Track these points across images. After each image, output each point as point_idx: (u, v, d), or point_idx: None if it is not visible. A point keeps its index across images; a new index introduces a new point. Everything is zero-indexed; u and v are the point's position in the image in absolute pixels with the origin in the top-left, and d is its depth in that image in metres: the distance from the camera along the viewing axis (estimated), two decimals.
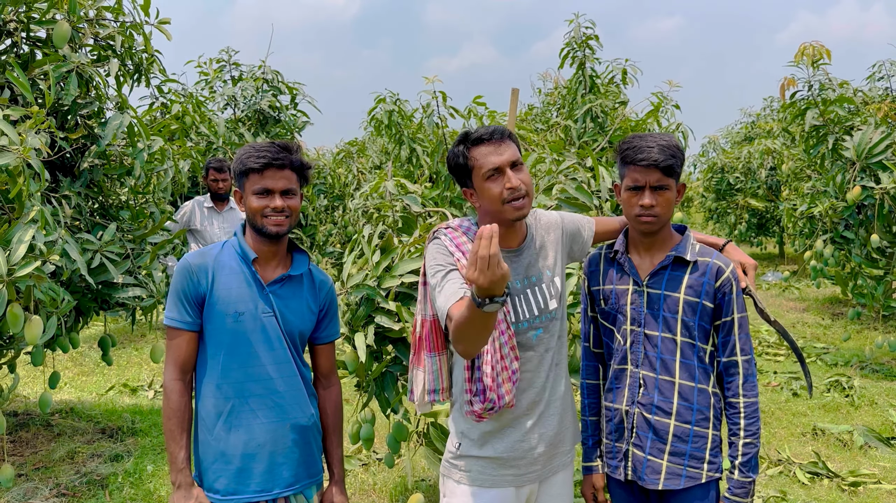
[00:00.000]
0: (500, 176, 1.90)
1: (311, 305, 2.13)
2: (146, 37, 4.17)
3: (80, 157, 3.88)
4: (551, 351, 2.02)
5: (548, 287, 2.02)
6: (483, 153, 1.91)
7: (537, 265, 2.03)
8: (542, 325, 2.00)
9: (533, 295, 2.00)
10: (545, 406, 2.02)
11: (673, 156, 1.93)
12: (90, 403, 5.41)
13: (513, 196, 1.89)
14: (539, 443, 2.01)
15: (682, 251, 2.00)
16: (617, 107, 6.37)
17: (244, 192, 2.01)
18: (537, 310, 2.00)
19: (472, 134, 1.95)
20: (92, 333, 7.68)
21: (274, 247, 2.06)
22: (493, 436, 2.00)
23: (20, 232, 2.65)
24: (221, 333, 2.00)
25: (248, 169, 1.97)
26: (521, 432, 1.99)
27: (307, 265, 2.13)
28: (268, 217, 1.97)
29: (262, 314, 2.01)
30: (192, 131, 6.71)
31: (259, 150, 1.97)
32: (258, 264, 2.05)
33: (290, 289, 2.09)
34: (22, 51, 3.79)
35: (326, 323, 2.20)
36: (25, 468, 4.00)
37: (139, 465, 4.07)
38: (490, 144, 1.91)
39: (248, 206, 1.99)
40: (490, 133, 1.93)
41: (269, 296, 2.03)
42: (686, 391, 1.98)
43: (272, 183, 1.97)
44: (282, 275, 2.06)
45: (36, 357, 3.40)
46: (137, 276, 3.82)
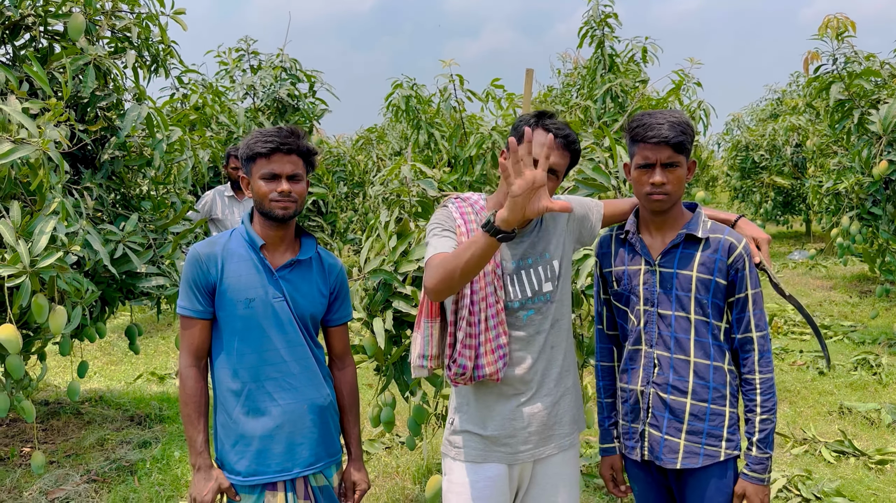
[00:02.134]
0: None
1: (321, 289, 2.15)
2: (162, 27, 4.20)
3: (101, 149, 3.92)
4: (544, 333, 2.02)
5: (545, 270, 2.03)
6: (540, 142, 1.85)
7: (536, 248, 2.03)
8: (533, 307, 2.01)
9: (527, 276, 2.01)
10: (537, 386, 2.03)
11: (683, 132, 1.91)
12: (119, 392, 5.51)
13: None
14: (530, 422, 2.03)
15: (694, 228, 1.97)
16: (637, 86, 6.29)
17: (251, 176, 2.03)
18: (530, 291, 2.01)
19: (550, 120, 1.95)
20: (120, 323, 7.82)
21: (281, 231, 2.08)
22: (484, 413, 2.04)
23: (41, 223, 2.69)
24: (234, 320, 2.03)
25: (255, 153, 1.99)
26: (510, 409, 2.02)
27: (314, 249, 2.15)
28: (275, 201, 1.99)
29: (272, 299, 2.04)
30: (212, 121, 6.76)
31: (266, 135, 1.99)
32: (266, 250, 2.07)
33: (300, 273, 2.11)
34: (40, 45, 3.84)
35: (338, 305, 2.22)
36: (57, 455, 4.09)
37: (167, 451, 4.15)
38: (552, 140, 1.81)
39: (256, 191, 2.01)
40: (562, 133, 1.93)
41: (279, 281, 2.06)
42: (702, 369, 1.97)
43: (279, 167, 1.99)
44: (290, 259, 2.08)
45: (63, 347, 3.47)
46: (160, 266, 3.87)
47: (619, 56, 6.60)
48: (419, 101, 6.78)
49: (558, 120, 1.97)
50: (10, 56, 3.86)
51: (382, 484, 3.82)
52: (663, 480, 2.09)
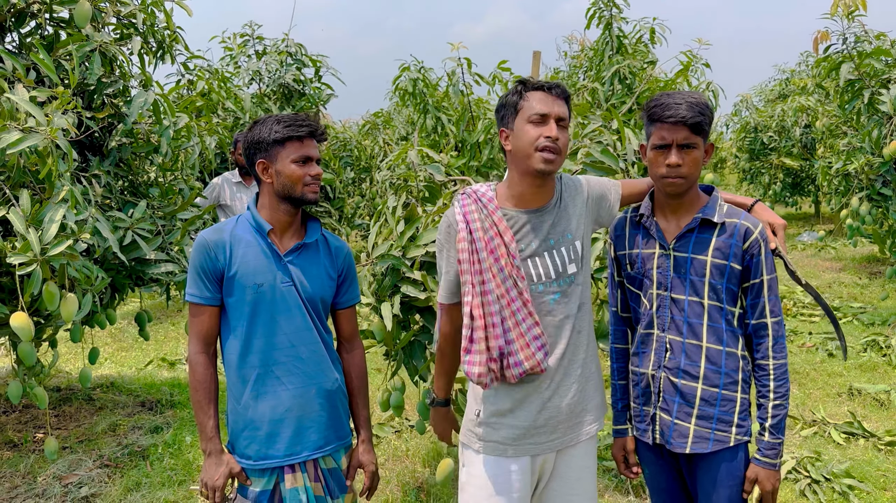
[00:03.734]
0: (543, 123, 1.90)
1: (329, 272, 2.16)
2: (167, 13, 4.18)
3: (108, 137, 3.93)
4: (571, 318, 1.99)
5: (567, 251, 1.99)
6: (537, 98, 1.91)
7: (559, 228, 1.99)
8: (560, 290, 1.98)
9: (551, 257, 1.97)
10: (563, 374, 2.00)
11: (701, 113, 1.89)
12: (130, 378, 5.55)
13: (547, 146, 1.87)
14: (559, 412, 2.00)
15: (710, 213, 1.96)
16: (645, 67, 6.24)
17: (276, 161, 2.01)
18: (555, 273, 1.97)
19: (534, 80, 1.96)
20: (130, 310, 7.87)
21: (291, 216, 2.08)
22: (512, 404, 2.00)
23: (51, 211, 2.70)
24: (242, 306, 2.03)
25: (287, 137, 1.99)
26: (541, 401, 1.99)
27: (319, 231, 2.16)
28: (307, 185, 2.02)
29: (281, 284, 2.04)
30: (218, 107, 6.75)
31: (295, 119, 2.01)
32: (273, 235, 2.07)
33: (307, 257, 2.11)
34: (46, 32, 3.83)
35: (346, 287, 2.23)
36: (69, 441, 4.13)
37: (178, 437, 4.18)
38: (547, 94, 1.92)
39: (288, 175, 2.00)
40: (551, 86, 1.94)
41: (287, 265, 2.06)
42: (714, 355, 1.96)
43: (312, 151, 2.03)
44: (297, 243, 2.09)
45: (74, 334, 3.49)
46: (169, 252, 3.88)
47: (626, 37, 6.54)
48: (426, 85, 6.75)
49: (538, 80, 1.97)
50: (17, 44, 3.85)
51: (392, 467, 3.85)
52: (674, 464, 2.09)
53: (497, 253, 1.93)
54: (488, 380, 1.93)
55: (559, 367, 1.99)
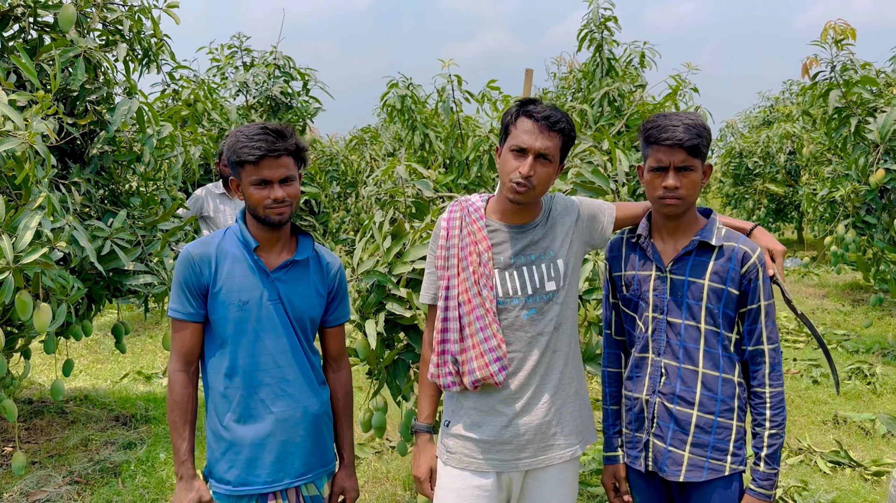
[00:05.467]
0: (522, 157, 1.88)
1: (319, 289, 2.07)
2: (154, 21, 4.12)
3: (90, 144, 3.84)
4: (545, 335, 1.95)
5: (548, 268, 1.97)
6: (524, 128, 1.89)
7: (541, 244, 1.98)
8: (535, 306, 1.95)
9: (529, 273, 1.95)
10: (534, 392, 1.97)
11: (699, 135, 1.86)
12: (104, 391, 5.41)
13: (518, 181, 1.87)
14: (526, 430, 1.96)
15: (708, 236, 1.92)
16: (634, 90, 6.25)
17: (241, 181, 1.94)
18: (531, 289, 1.95)
19: (531, 106, 1.92)
20: (107, 321, 7.71)
21: (276, 233, 2.00)
22: (478, 417, 1.98)
23: (27, 218, 2.60)
24: (227, 323, 1.95)
25: (242, 160, 1.89)
26: (507, 416, 1.96)
27: (311, 248, 2.07)
28: (270, 208, 1.91)
29: (267, 302, 1.96)
30: (203, 118, 6.67)
31: (252, 139, 1.87)
32: (261, 251, 2.00)
33: (296, 273, 2.03)
34: (30, 36, 3.75)
35: (336, 305, 2.15)
36: (39, 455, 4.00)
37: (152, 453, 4.06)
38: (535, 125, 1.88)
39: (248, 198, 1.93)
40: (543, 116, 1.89)
41: (275, 282, 1.98)
42: (710, 381, 1.91)
43: (269, 173, 1.89)
44: (286, 260, 2.01)
45: (48, 345, 3.38)
46: (148, 264, 3.78)
47: (617, 60, 6.56)
48: (415, 102, 6.71)
49: (545, 105, 1.92)
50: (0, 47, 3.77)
51: (372, 489, 3.75)
52: (666, 492, 2.03)
53: (468, 260, 1.94)
54: (445, 382, 1.97)
55: (528, 384, 1.96)
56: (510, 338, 1.94)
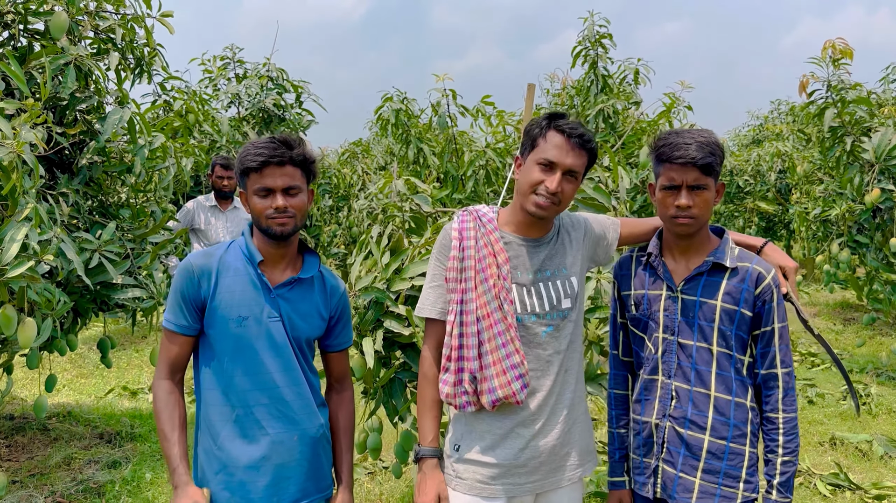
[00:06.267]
0: (550, 171, 1.84)
1: (321, 310, 2.00)
2: (148, 30, 4.05)
3: (79, 154, 3.75)
4: (561, 353, 1.91)
5: (563, 284, 1.93)
6: (554, 142, 1.85)
7: (555, 260, 1.94)
8: (552, 323, 1.90)
9: (546, 289, 1.91)
10: (550, 412, 1.91)
11: (712, 153, 1.81)
12: (88, 407, 5.28)
13: (543, 194, 1.83)
14: (541, 452, 1.91)
15: (721, 256, 1.87)
16: (629, 107, 6.24)
17: (247, 192, 1.89)
18: (549, 305, 1.90)
19: (562, 120, 1.87)
20: (92, 334, 7.56)
21: (282, 248, 1.93)
22: (493, 441, 1.90)
23: (13, 230, 2.52)
24: (225, 339, 1.88)
25: (246, 168, 1.85)
26: (524, 439, 1.89)
27: (317, 267, 2.00)
28: (272, 218, 1.85)
29: (267, 319, 1.89)
30: (195, 129, 6.59)
31: (257, 147, 1.84)
32: (265, 266, 1.93)
33: (300, 292, 1.96)
34: (20, 44, 3.67)
35: (339, 330, 2.08)
36: (20, 474, 3.87)
37: (137, 473, 3.94)
38: (567, 141, 1.84)
39: (251, 207, 1.88)
40: (576, 133, 1.85)
41: (277, 299, 1.91)
42: (722, 405, 1.85)
43: (272, 181, 1.84)
44: (290, 277, 1.94)
45: (31, 360, 3.27)
46: (137, 277, 3.69)
47: (611, 77, 6.55)
48: (409, 116, 6.67)
49: (571, 119, 1.88)
50: None
51: None
52: None
53: (487, 272, 1.87)
54: (460, 402, 1.87)
55: (545, 405, 1.90)
56: (528, 356, 1.88)
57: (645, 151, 4.26)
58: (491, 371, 1.83)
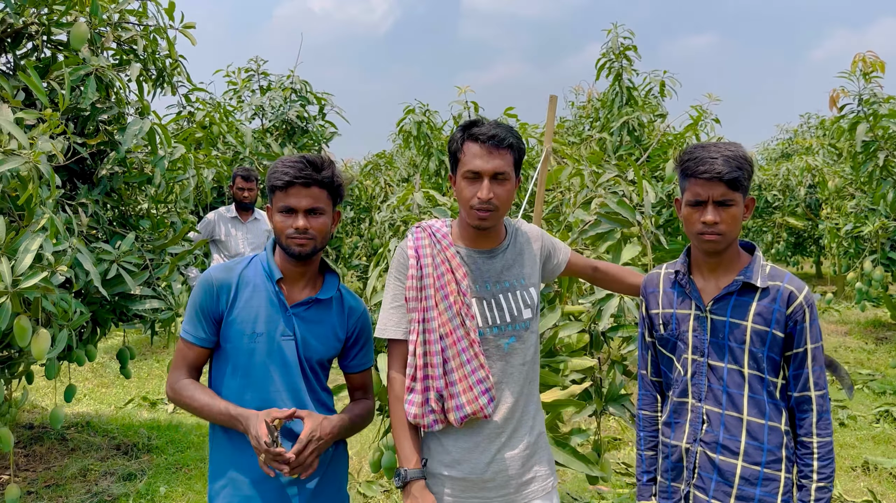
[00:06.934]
0: (477, 181, 1.81)
1: (337, 332, 1.97)
2: (170, 41, 4.05)
3: (99, 164, 3.75)
4: (527, 365, 1.91)
5: (522, 295, 1.91)
6: (473, 152, 1.81)
7: (513, 271, 1.92)
8: (514, 334, 1.88)
9: (506, 301, 1.89)
10: (517, 424, 1.89)
11: (739, 167, 1.73)
12: (107, 417, 5.28)
13: (477, 207, 1.81)
14: (510, 464, 1.87)
15: (751, 275, 1.78)
16: (655, 120, 6.14)
17: (273, 208, 1.87)
18: (510, 317, 1.88)
19: (475, 128, 1.83)
20: (113, 344, 7.59)
21: (301, 267, 1.91)
22: (459, 454, 1.86)
23: (27, 241, 2.50)
24: (238, 353, 1.86)
25: (272, 185, 1.84)
26: (491, 452, 1.86)
27: (336, 288, 1.97)
28: (292, 238, 1.83)
29: (281, 337, 1.86)
30: (218, 141, 6.62)
31: (286, 165, 1.82)
32: (284, 284, 1.90)
33: (317, 313, 1.93)
34: (43, 55, 3.69)
35: (356, 351, 2.03)
36: (36, 485, 3.86)
37: (152, 486, 3.91)
38: (482, 147, 1.80)
39: (274, 224, 1.86)
40: (489, 135, 1.80)
41: (292, 318, 1.88)
42: (755, 429, 1.76)
43: (296, 201, 1.82)
44: (308, 297, 1.91)
45: (49, 370, 3.25)
46: (156, 288, 3.67)
47: (636, 89, 6.46)
48: (431, 128, 6.64)
49: (488, 124, 1.84)
50: (11, 66, 3.71)
51: None
52: None
53: (446, 290, 1.86)
54: (428, 421, 1.84)
55: (512, 417, 1.88)
56: (493, 368, 1.86)
57: (671, 165, 4.16)
58: (458, 388, 1.82)
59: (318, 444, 1.78)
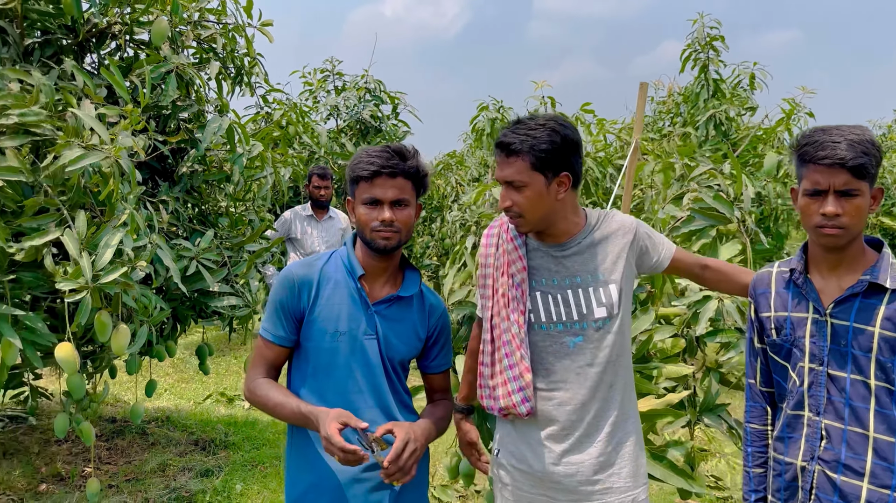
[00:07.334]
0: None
1: (418, 331, 1.89)
2: (248, 39, 4.06)
3: (180, 162, 3.78)
4: (598, 367, 1.78)
5: (595, 292, 1.79)
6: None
7: (587, 265, 1.81)
8: (582, 333, 1.79)
9: (574, 296, 1.79)
10: (587, 429, 1.80)
11: (865, 152, 1.54)
12: (186, 412, 5.36)
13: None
14: (578, 470, 1.78)
15: (878, 275, 1.58)
16: (743, 114, 5.83)
17: (354, 200, 1.80)
18: (577, 314, 1.79)
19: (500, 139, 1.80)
20: (193, 340, 7.76)
21: (384, 262, 1.83)
22: (525, 448, 1.85)
23: (108, 236, 2.49)
24: (320, 353, 1.79)
25: (357, 177, 1.76)
26: (556, 453, 1.80)
27: (419, 285, 1.89)
28: (377, 231, 1.74)
29: (363, 336, 1.79)
30: (295, 141, 6.67)
31: (371, 155, 1.75)
32: (366, 280, 1.82)
33: (398, 310, 1.85)
34: (126, 54, 3.74)
35: (436, 351, 1.96)
36: (117, 479, 3.92)
37: (228, 483, 3.91)
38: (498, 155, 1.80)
39: (357, 217, 1.78)
40: (502, 143, 1.77)
41: (374, 316, 1.80)
42: (884, 447, 1.56)
43: (381, 192, 1.74)
44: (390, 294, 1.83)
45: (130, 365, 3.28)
46: (234, 285, 3.67)
47: (724, 81, 6.16)
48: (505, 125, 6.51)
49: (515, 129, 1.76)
50: (96, 65, 3.77)
51: None
52: None
53: (500, 281, 1.85)
54: (487, 403, 1.88)
55: (579, 420, 1.78)
56: (555, 366, 1.80)
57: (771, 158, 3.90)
58: (497, 379, 1.83)
59: (414, 447, 1.68)
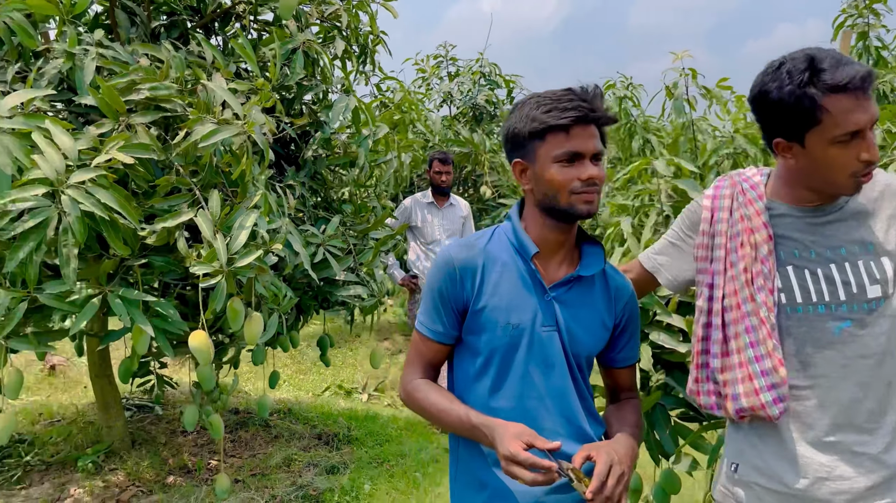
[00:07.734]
0: (856, 142, 1.33)
1: (605, 319, 1.54)
2: (371, 15, 3.86)
3: (304, 146, 3.63)
4: (871, 359, 1.41)
5: (866, 266, 1.43)
6: (844, 106, 1.31)
7: (852, 234, 1.45)
8: (852, 317, 1.42)
9: (841, 272, 1.43)
10: (857, 435, 1.42)
11: None
12: (306, 404, 5.27)
13: (866, 171, 1.37)
14: (851, 487, 1.40)
15: None
16: None
17: (534, 161, 1.44)
18: (845, 294, 1.42)
19: (830, 72, 1.32)
20: (308, 331, 7.74)
21: (564, 235, 1.50)
22: (780, 462, 1.46)
23: (242, 217, 2.32)
24: (489, 351, 1.48)
25: (546, 127, 1.40)
26: (814, 466, 1.43)
27: (602, 261, 1.53)
28: (578, 193, 1.40)
29: (541, 328, 1.46)
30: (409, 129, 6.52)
31: (561, 100, 1.39)
32: (539, 259, 1.49)
33: (579, 294, 1.51)
34: (250, 35, 3.62)
35: (623, 342, 1.60)
36: (243, 473, 3.82)
37: (356, 482, 3.73)
38: (851, 95, 1.31)
39: (548, 179, 1.42)
40: (860, 77, 1.30)
41: (552, 303, 1.47)
42: None
43: (582, 144, 1.39)
44: (569, 275, 1.49)
45: (257, 356, 3.15)
46: (359, 274, 3.49)
47: (886, 48, 5.48)
48: (635, 104, 6.07)
49: (841, 64, 1.33)
50: (221, 48, 3.68)
51: None
52: None
53: (739, 253, 1.50)
54: (705, 401, 1.56)
55: (848, 425, 1.42)
56: (814, 358, 1.44)
57: None
58: (736, 374, 1.49)
59: (621, 471, 1.33)
